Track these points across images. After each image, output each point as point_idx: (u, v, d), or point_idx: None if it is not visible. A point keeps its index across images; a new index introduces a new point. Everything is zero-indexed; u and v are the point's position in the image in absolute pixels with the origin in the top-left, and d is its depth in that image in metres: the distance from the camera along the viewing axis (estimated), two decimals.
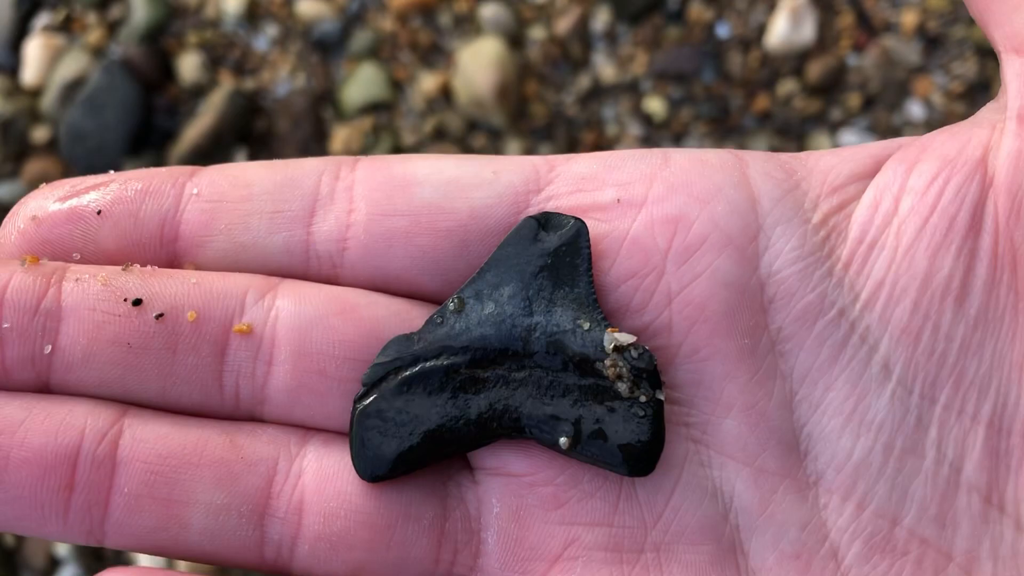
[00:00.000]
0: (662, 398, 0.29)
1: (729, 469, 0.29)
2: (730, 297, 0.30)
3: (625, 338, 0.29)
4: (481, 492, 0.30)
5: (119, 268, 0.30)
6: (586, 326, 0.30)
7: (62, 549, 0.95)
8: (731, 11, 0.96)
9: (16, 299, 0.28)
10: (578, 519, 0.29)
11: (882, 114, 0.94)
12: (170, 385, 0.29)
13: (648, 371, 0.29)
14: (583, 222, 0.30)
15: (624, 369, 0.29)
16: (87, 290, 0.29)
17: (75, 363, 0.29)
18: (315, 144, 0.98)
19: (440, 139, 0.97)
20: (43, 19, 1.03)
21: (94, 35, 1.02)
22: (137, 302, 0.29)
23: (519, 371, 0.30)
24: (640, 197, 0.31)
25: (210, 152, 0.96)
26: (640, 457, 0.29)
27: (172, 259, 0.31)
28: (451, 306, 0.30)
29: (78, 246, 0.30)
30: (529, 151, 0.96)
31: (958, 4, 0.94)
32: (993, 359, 0.29)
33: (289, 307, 0.30)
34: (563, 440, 0.29)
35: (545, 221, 0.30)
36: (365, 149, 0.97)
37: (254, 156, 0.98)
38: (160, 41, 1.01)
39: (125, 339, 0.29)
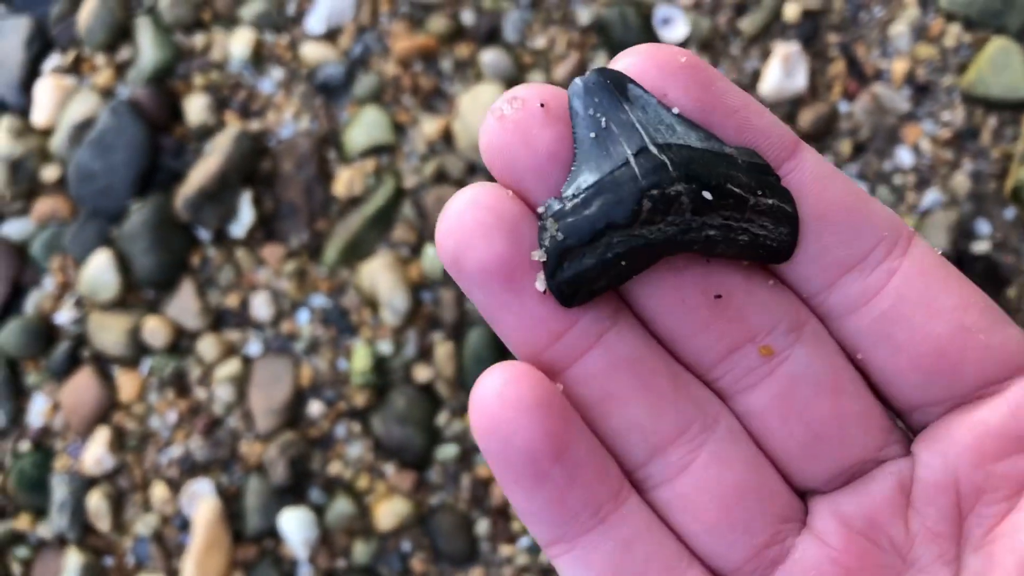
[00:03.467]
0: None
1: None
2: None
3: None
4: None
5: None
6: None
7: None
8: (725, 58, 0.98)
9: None
10: None
11: (872, 160, 0.96)
12: None
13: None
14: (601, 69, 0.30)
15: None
16: None
17: None
18: (319, 185, 1.00)
19: (441, 181, 0.99)
20: (53, 60, 1.06)
21: (103, 76, 1.04)
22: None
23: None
24: None
25: (216, 193, 0.98)
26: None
27: None
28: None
29: None
30: None
31: (947, 53, 0.96)
32: None
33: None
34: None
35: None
36: (368, 190, 0.99)
37: (259, 197, 1.00)
38: (167, 82, 1.03)
39: None
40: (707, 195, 0.29)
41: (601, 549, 0.30)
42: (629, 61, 0.30)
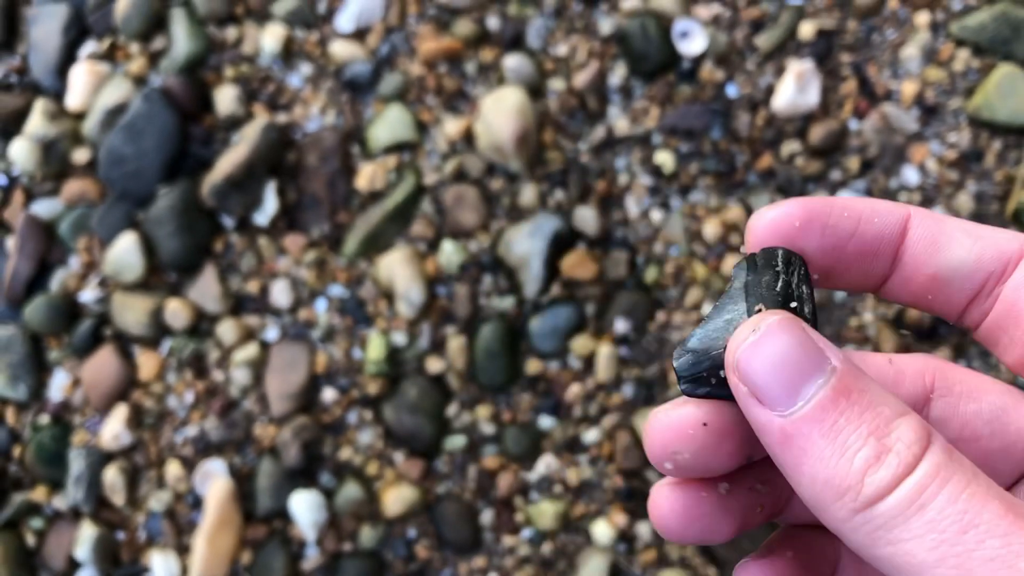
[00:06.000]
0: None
1: None
2: None
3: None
4: None
5: None
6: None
7: (81, 552, 0.99)
8: (741, 73, 1.02)
9: None
10: None
11: (880, 177, 0.99)
12: None
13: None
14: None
15: None
16: None
17: None
18: (341, 179, 1.03)
19: (460, 180, 1.02)
20: (89, 47, 1.09)
21: (136, 64, 1.07)
22: None
23: None
24: None
25: (242, 181, 1.01)
26: None
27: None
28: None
29: None
30: (543, 196, 1.01)
31: (955, 77, 0.99)
32: None
33: None
34: None
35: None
36: (389, 186, 1.02)
37: (283, 188, 1.04)
38: (199, 73, 1.07)
39: None
40: None
41: None
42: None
